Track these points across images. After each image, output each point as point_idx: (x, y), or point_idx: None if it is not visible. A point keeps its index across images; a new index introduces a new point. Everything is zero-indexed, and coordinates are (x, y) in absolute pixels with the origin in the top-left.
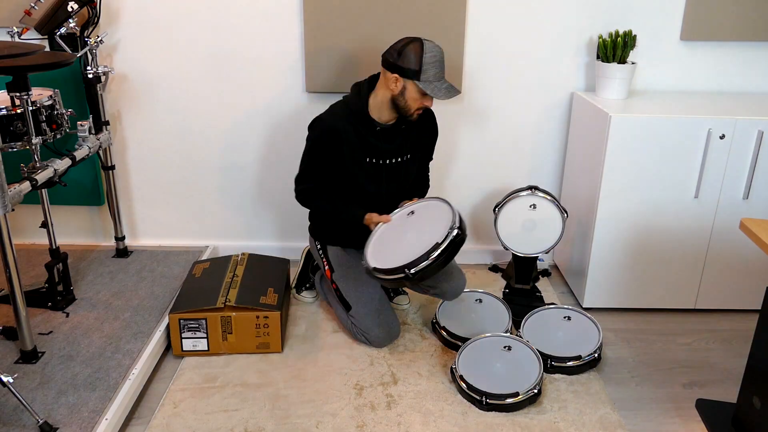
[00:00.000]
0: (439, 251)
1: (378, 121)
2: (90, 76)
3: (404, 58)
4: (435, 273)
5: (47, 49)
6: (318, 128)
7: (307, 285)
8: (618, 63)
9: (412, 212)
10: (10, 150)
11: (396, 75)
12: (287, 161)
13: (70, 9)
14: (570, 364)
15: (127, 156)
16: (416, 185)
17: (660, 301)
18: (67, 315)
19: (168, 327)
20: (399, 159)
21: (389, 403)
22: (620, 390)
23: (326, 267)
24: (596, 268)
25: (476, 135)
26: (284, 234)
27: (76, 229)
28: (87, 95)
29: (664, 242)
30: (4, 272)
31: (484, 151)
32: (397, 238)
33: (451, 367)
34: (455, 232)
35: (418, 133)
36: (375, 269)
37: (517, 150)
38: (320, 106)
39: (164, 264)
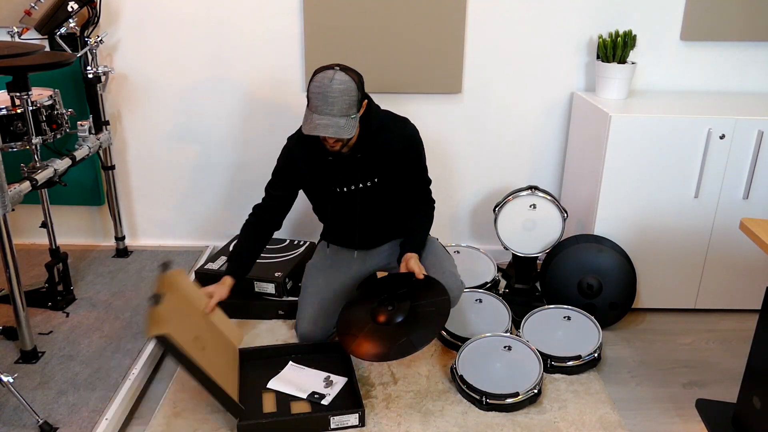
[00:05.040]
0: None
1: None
2: (90, 76)
3: None
4: None
5: (47, 49)
6: (283, 149)
7: None
8: (618, 63)
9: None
10: (10, 150)
11: None
12: None
13: (70, 9)
14: (570, 364)
15: (127, 156)
16: (412, 211)
17: (660, 301)
18: (67, 315)
19: None
20: (365, 185)
21: (389, 404)
22: (620, 390)
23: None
24: None
25: (476, 135)
26: (285, 233)
27: (76, 229)
28: (87, 95)
29: (664, 242)
30: (4, 272)
31: (484, 151)
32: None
33: (451, 367)
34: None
35: (382, 158)
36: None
37: (517, 150)
38: None
39: None
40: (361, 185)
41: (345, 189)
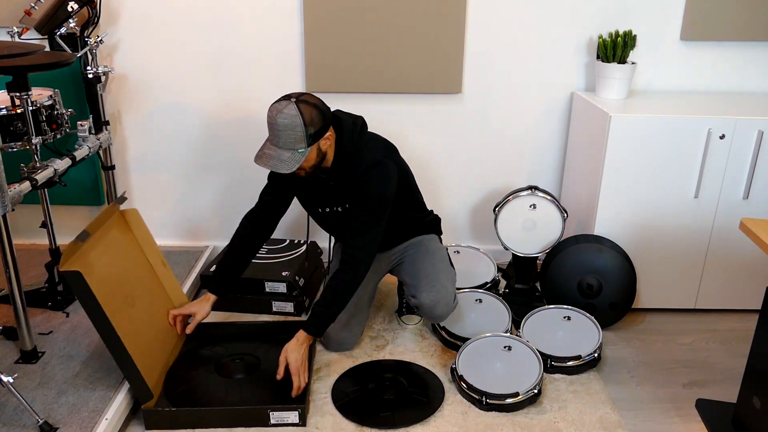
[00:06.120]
0: None
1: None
2: (90, 76)
3: None
4: None
5: (47, 49)
6: None
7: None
8: (618, 63)
9: None
10: (10, 150)
11: None
12: None
13: (70, 9)
14: (570, 364)
15: (127, 156)
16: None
17: (660, 301)
18: (67, 315)
19: None
20: (338, 209)
21: None
22: (620, 390)
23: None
24: None
25: (476, 135)
26: (285, 233)
27: (76, 229)
28: (87, 95)
29: (664, 242)
30: (4, 272)
31: (484, 151)
32: None
33: (451, 367)
34: None
35: (352, 183)
36: None
37: (517, 150)
38: None
39: None
40: (335, 208)
41: (320, 210)
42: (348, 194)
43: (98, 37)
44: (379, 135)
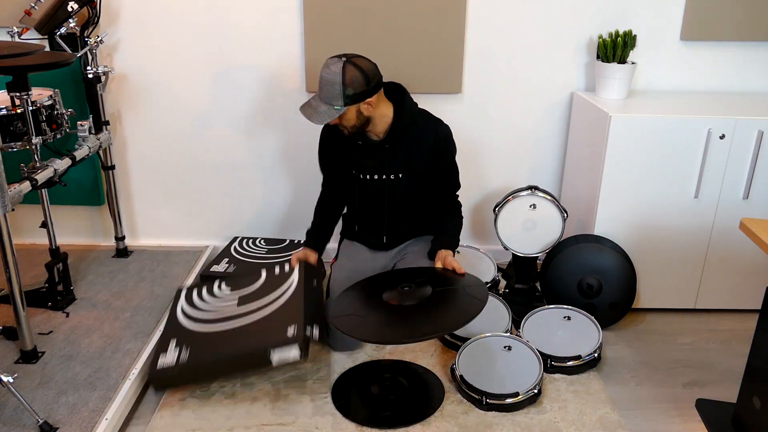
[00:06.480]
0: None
1: (368, 135)
2: (90, 76)
3: None
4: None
5: (47, 49)
6: (323, 127)
7: None
8: (618, 63)
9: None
10: (10, 150)
11: None
12: (287, 161)
13: (70, 9)
14: (570, 364)
15: (127, 156)
16: (438, 212)
17: (660, 301)
18: (67, 315)
19: None
20: (389, 177)
21: None
22: (620, 390)
23: (335, 255)
24: None
25: (476, 135)
26: (285, 233)
27: (76, 229)
28: (87, 95)
29: (664, 242)
30: (4, 272)
31: (484, 151)
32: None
33: (451, 367)
34: None
35: (410, 153)
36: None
37: (517, 150)
38: None
39: (164, 264)
40: (384, 176)
41: (369, 177)
42: (404, 161)
43: (98, 37)
44: None
